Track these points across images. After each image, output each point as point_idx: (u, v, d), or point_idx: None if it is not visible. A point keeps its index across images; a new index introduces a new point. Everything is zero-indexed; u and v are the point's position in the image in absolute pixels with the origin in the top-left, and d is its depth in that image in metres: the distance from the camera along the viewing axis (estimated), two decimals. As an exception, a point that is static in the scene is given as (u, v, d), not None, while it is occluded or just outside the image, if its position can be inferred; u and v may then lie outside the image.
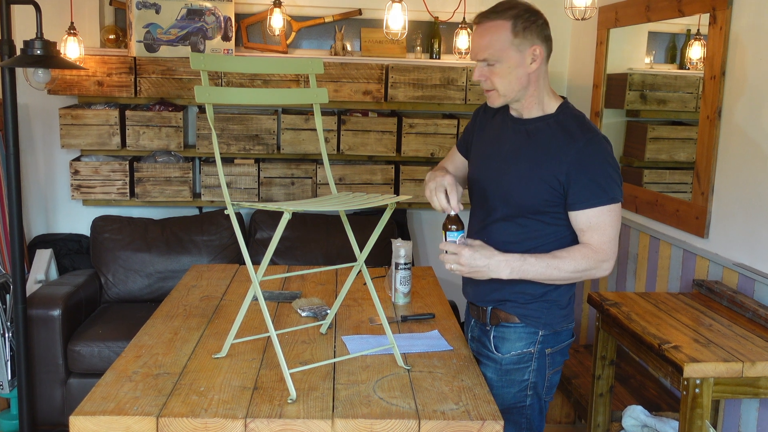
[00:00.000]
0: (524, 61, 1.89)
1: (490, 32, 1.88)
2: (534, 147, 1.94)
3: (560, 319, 2.02)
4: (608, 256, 1.89)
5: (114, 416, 1.62)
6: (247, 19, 4.15)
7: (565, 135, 1.90)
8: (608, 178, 1.87)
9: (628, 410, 2.81)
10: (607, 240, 1.88)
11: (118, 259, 3.82)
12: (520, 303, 1.99)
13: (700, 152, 2.93)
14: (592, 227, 1.88)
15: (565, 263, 1.88)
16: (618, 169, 1.91)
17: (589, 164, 1.87)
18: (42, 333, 3.30)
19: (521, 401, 2.03)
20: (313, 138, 3.98)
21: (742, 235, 2.69)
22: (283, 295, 2.53)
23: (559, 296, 2.01)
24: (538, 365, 2.02)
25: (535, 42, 1.88)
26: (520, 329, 2.00)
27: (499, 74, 1.90)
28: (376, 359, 1.97)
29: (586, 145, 1.87)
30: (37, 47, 2.86)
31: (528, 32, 1.87)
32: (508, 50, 1.87)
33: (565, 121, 1.93)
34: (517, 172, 1.95)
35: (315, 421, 1.63)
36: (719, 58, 2.81)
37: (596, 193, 1.87)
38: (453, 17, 4.11)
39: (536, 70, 1.91)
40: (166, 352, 1.98)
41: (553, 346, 2.03)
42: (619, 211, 1.90)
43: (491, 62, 1.90)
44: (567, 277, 1.91)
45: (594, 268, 1.89)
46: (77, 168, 3.88)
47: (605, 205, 1.87)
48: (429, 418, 1.65)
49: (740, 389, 2.13)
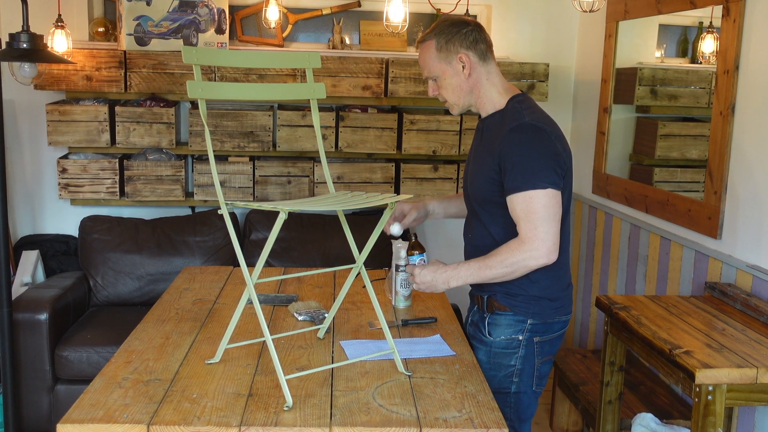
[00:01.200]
0: (457, 70, 2.11)
1: (423, 53, 2.15)
2: (484, 143, 2.15)
3: (551, 311, 2.15)
4: (537, 245, 1.97)
5: (103, 424, 1.62)
6: (241, 11, 4.16)
7: (500, 125, 2.08)
8: (531, 163, 1.99)
9: (638, 418, 2.81)
10: (532, 228, 1.98)
11: (108, 261, 3.82)
12: (509, 295, 2.14)
13: (712, 150, 2.93)
14: (520, 216, 2.00)
15: (492, 260, 2.03)
16: (548, 156, 2.01)
17: (513, 151, 2.01)
18: (28, 338, 3.30)
19: (507, 386, 2.16)
20: (310, 135, 3.98)
21: (757, 236, 2.69)
22: (279, 299, 2.53)
23: (546, 291, 2.13)
24: (526, 352, 2.15)
25: (459, 51, 2.09)
26: (510, 317, 2.15)
27: (443, 87, 2.15)
28: (376, 365, 1.97)
29: (509, 132, 2.03)
30: (24, 40, 2.86)
31: (450, 44, 2.10)
32: (439, 65, 2.12)
33: (506, 113, 2.10)
34: (473, 170, 2.19)
35: (312, 429, 1.63)
36: (733, 52, 2.81)
37: (520, 180, 1.99)
38: (456, 9, 4.11)
39: (473, 75, 2.11)
40: (157, 357, 1.98)
41: (542, 335, 2.16)
42: (548, 199, 1.98)
43: (433, 78, 2.15)
44: (502, 273, 2.03)
45: (525, 258, 1.99)
46: (65, 166, 3.89)
47: (528, 191, 1.98)
48: (431, 426, 1.65)
49: (754, 396, 2.14)
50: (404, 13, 3.35)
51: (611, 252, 3.81)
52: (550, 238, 1.98)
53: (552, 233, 1.98)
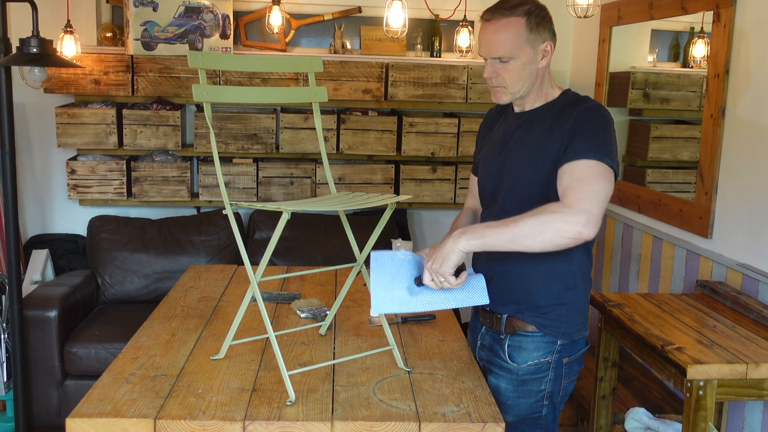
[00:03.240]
0: (536, 57, 1.88)
1: (505, 29, 1.85)
2: (536, 131, 1.91)
3: (578, 326, 1.97)
4: (582, 208, 1.67)
5: (111, 418, 1.62)
6: (245, 16, 4.16)
7: (567, 110, 1.88)
8: (600, 134, 1.79)
9: (631, 412, 2.81)
10: (580, 191, 1.69)
11: (115, 260, 3.82)
12: (538, 311, 1.92)
13: (703, 151, 2.93)
14: (572, 184, 1.72)
15: (520, 216, 1.72)
16: (615, 142, 1.83)
17: (583, 125, 1.80)
18: (38, 334, 3.30)
19: (537, 411, 1.97)
20: (312, 137, 3.98)
21: (747, 236, 2.69)
22: (282, 296, 2.53)
23: (577, 299, 1.95)
24: (555, 375, 1.96)
25: (546, 37, 1.89)
26: (538, 338, 1.93)
27: (511, 71, 1.88)
28: (377, 361, 1.97)
29: (583, 109, 1.85)
30: (34, 45, 2.86)
31: (540, 28, 1.87)
32: (524, 47, 1.86)
33: (566, 102, 1.93)
34: (521, 160, 1.91)
35: (314, 423, 1.63)
36: (723, 56, 2.81)
37: (587, 147, 1.76)
38: (454, 15, 4.11)
39: (545, 66, 1.91)
40: (163, 353, 1.98)
41: (570, 355, 1.98)
42: (608, 176, 1.75)
43: (505, 59, 1.87)
44: (528, 230, 1.69)
45: (561, 219, 1.68)
46: (74, 167, 3.88)
47: (592, 160, 1.74)
48: (429, 420, 1.65)
49: (744, 391, 2.13)
50: (404, 19, 3.35)
51: (605, 251, 3.81)
52: (596, 209, 1.68)
53: (600, 206, 1.69)
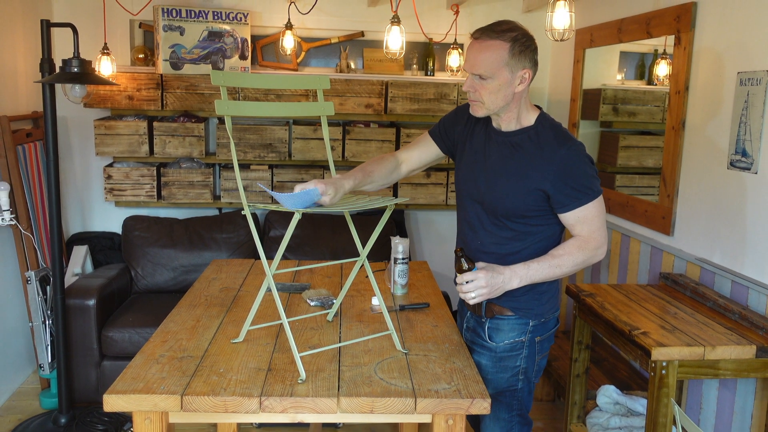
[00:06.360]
0: (513, 82, 1.85)
1: (489, 50, 1.82)
2: (518, 160, 1.90)
3: (548, 308, 2.01)
4: (600, 243, 1.88)
5: (143, 395, 1.62)
6: (261, 40, 4.15)
7: (546, 147, 1.87)
8: (589, 178, 1.87)
9: (602, 389, 2.81)
10: (596, 229, 1.88)
11: (147, 255, 3.82)
12: (512, 296, 1.94)
13: (666, 159, 2.93)
14: (581, 221, 1.88)
15: (564, 260, 1.86)
16: (593, 165, 1.90)
17: (571, 171, 1.84)
18: (78, 320, 3.30)
19: (513, 385, 2.02)
20: (320, 146, 3.98)
21: (704, 233, 2.69)
22: (294, 287, 2.53)
23: (547, 285, 1.99)
24: (529, 352, 2.01)
25: (525, 66, 1.85)
26: (513, 320, 1.99)
27: (488, 89, 1.85)
28: (377, 344, 1.97)
29: (567, 153, 1.85)
30: (74, 65, 2.86)
31: (522, 56, 1.83)
32: (503, 70, 1.83)
33: (543, 133, 1.90)
34: (505, 186, 1.91)
35: (322, 399, 1.63)
36: (683, 75, 2.81)
37: (581, 195, 1.86)
38: (445, 38, 4.11)
39: (521, 91, 1.88)
40: (189, 337, 1.98)
41: (542, 334, 2.02)
42: (602, 202, 1.90)
43: (484, 77, 1.84)
44: (570, 271, 1.88)
45: (591, 256, 1.88)
46: (110, 173, 3.88)
47: (589, 202, 1.87)
48: (424, 396, 1.65)
49: (702, 371, 2.13)
50: (401, 42, 3.34)
51: (579, 247, 3.80)
52: (606, 236, 1.90)
53: (606, 232, 1.90)
